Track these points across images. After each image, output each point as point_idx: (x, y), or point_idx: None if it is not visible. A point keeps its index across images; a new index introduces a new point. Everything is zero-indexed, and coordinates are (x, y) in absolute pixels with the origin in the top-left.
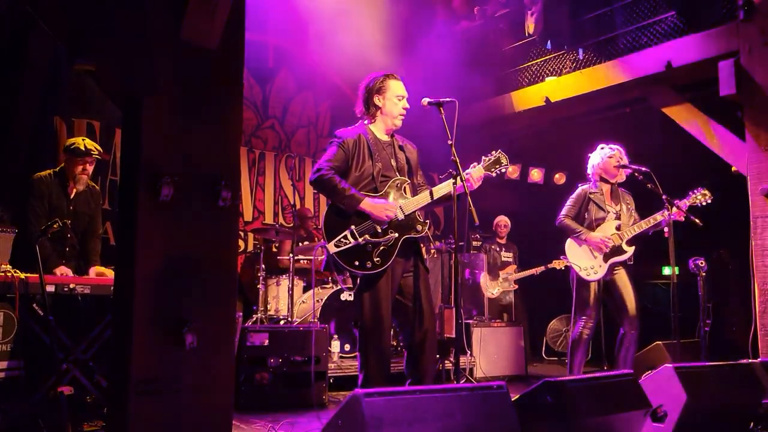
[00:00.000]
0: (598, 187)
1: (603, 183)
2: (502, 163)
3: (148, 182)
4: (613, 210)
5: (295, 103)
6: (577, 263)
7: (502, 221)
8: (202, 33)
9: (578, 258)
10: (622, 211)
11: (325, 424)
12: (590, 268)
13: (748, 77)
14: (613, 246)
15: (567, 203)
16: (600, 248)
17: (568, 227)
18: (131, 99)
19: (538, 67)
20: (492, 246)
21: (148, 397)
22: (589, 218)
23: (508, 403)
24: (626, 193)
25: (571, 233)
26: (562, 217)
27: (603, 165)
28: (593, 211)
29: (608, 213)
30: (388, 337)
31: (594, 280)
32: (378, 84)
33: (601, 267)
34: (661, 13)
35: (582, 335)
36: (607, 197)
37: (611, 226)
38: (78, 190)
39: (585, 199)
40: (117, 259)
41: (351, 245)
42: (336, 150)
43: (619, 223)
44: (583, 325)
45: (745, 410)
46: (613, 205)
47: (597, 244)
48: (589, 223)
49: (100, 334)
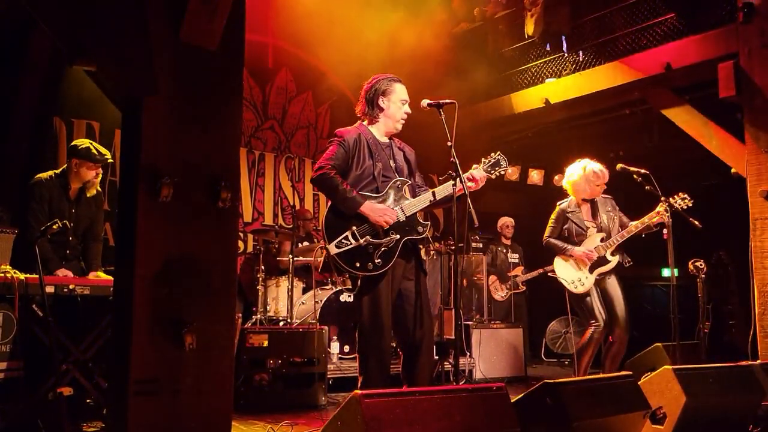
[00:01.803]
0: (575, 206)
1: (582, 201)
2: (501, 165)
3: (148, 183)
4: (593, 225)
5: (295, 104)
6: (564, 278)
7: (507, 222)
8: (202, 33)
9: (565, 272)
10: (602, 222)
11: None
12: (577, 281)
13: (747, 79)
14: (598, 257)
15: (549, 224)
16: (584, 261)
17: (554, 246)
18: (131, 99)
19: (538, 68)
20: (498, 248)
21: (148, 397)
22: (570, 236)
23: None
24: (607, 199)
25: (558, 251)
26: (547, 239)
27: (583, 184)
28: (573, 230)
29: (587, 230)
30: (387, 338)
31: (582, 293)
32: (384, 86)
33: (588, 278)
34: (660, 15)
35: (592, 338)
36: (586, 215)
37: (596, 238)
38: (88, 195)
39: (563, 218)
40: (116, 260)
41: (352, 246)
42: (337, 149)
43: (603, 235)
44: (593, 330)
45: (745, 412)
46: (592, 221)
47: (581, 257)
48: (572, 240)
49: (100, 335)
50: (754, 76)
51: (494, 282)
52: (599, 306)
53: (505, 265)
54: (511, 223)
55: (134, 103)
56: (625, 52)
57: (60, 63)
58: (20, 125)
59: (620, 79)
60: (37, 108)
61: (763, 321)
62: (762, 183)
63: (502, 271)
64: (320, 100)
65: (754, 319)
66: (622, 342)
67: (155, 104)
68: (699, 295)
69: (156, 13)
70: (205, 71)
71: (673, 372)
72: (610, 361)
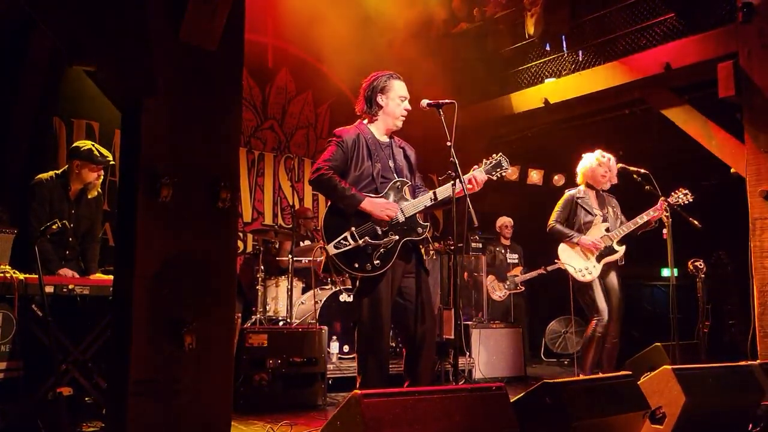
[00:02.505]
0: (584, 192)
1: (588, 188)
2: (503, 167)
3: (148, 183)
4: (600, 213)
5: (295, 104)
6: (571, 265)
7: (506, 222)
8: (202, 34)
9: (572, 260)
10: (608, 215)
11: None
12: (584, 269)
13: (747, 79)
14: (605, 246)
15: (555, 210)
16: (591, 250)
17: (560, 232)
18: (130, 100)
19: (538, 68)
20: (496, 248)
21: (147, 397)
22: (578, 222)
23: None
24: (611, 197)
25: (563, 238)
26: (553, 223)
27: (591, 172)
28: (581, 215)
29: (596, 216)
30: (387, 339)
31: (589, 281)
32: (382, 83)
33: (595, 267)
34: (660, 15)
35: (596, 333)
36: (593, 202)
37: (600, 228)
38: (89, 197)
39: (573, 204)
40: (116, 260)
41: (351, 247)
42: (335, 149)
43: (607, 225)
44: (596, 323)
45: (744, 412)
46: (600, 210)
47: (589, 246)
48: (579, 227)
49: (99, 335)
50: (754, 76)
51: (492, 282)
52: (602, 298)
53: (504, 265)
54: (510, 223)
55: (134, 104)
56: (625, 52)
57: (60, 63)
58: (20, 125)
59: (620, 79)
60: (37, 108)
61: (762, 321)
62: (762, 183)
63: (500, 271)
64: (320, 100)
65: (753, 319)
66: (615, 336)
67: (155, 104)
68: (698, 295)
69: (156, 13)
70: (205, 71)
71: (673, 372)
72: (607, 357)
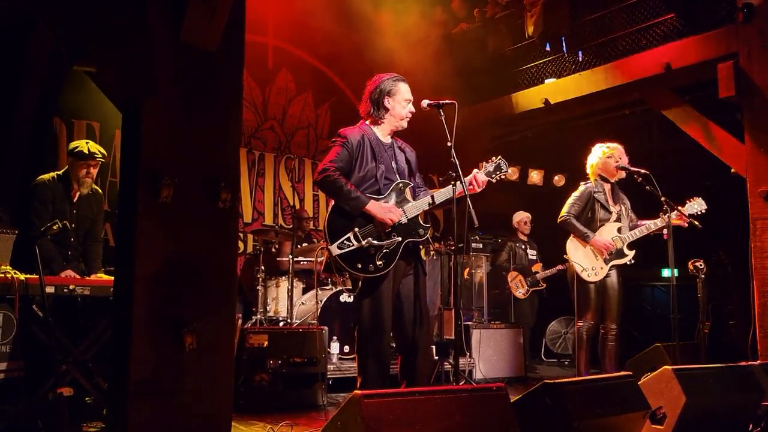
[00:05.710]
0: (600, 187)
1: (603, 182)
2: (503, 169)
3: (148, 184)
4: (615, 211)
5: (295, 104)
6: (579, 263)
7: (524, 218)
8: (202, 34)
9: (581, 258)
10: (622, 213)
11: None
12: (591, 269)
13: (747, 79)
14: (615, 249)
15: (570, 201)
16: (602, 252)
17: (574, 227)
18: (131, 100)
19: (538, 69)
20: (515, 244)
21: (148, 398)
22: (594, 219)
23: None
24: (622, 194)
25: (577, 233)
26: (567, 216)
27: (602, 164)
28: (598, 212)
29: (611, 214)
30: (387, 339)
31: (594, 282)
32: (389, 86)
33: (602, 269)
34: (660, 16)
35: (583, 336)
36: (609, 197)
37: (612, 228)
38: (82, 193)
39: (590, 199)
40: (116, 261)
41: (354, 248)
42: (340, 150)
43: (619, 226)
44: (582, 325)
45: (744, 412)
46: (615, 206)
47: (600, 248)
48: (594, 224)
49: (100, 336)
50: (754, 77)
51: (515, 278)
52: (596, 301)
53: (525, 261)
54: (528, 218)
55: (134, 104)
56: (625, 52)
57: (60, 63)
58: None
59: (620, 79)
60: (37, 108)
61: (763, 321)
62: (761, 183)
63: (524, 267)
64: (320, 101)
65: (753, 319)
66: (614, 336)
67: (155, 105)
68: (699, 296)
69: (156, 14)
70: (205, 72)
71: (673, 372)
72: (608, 357)
